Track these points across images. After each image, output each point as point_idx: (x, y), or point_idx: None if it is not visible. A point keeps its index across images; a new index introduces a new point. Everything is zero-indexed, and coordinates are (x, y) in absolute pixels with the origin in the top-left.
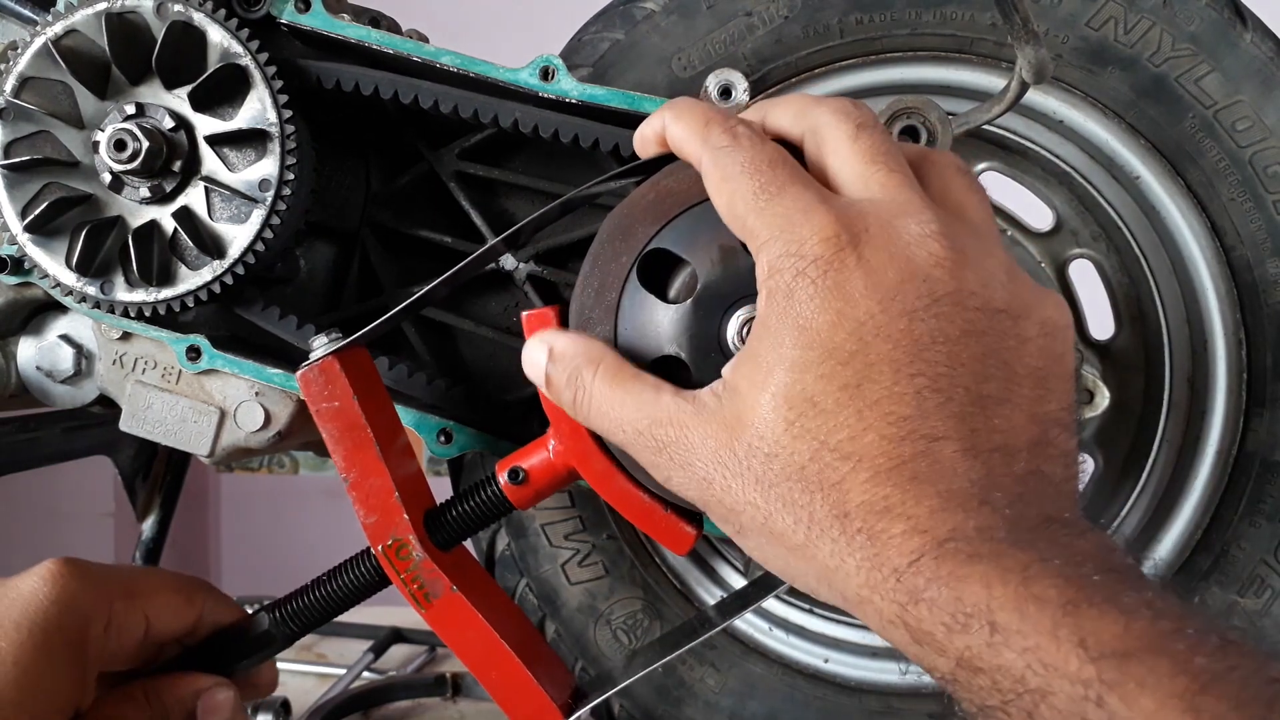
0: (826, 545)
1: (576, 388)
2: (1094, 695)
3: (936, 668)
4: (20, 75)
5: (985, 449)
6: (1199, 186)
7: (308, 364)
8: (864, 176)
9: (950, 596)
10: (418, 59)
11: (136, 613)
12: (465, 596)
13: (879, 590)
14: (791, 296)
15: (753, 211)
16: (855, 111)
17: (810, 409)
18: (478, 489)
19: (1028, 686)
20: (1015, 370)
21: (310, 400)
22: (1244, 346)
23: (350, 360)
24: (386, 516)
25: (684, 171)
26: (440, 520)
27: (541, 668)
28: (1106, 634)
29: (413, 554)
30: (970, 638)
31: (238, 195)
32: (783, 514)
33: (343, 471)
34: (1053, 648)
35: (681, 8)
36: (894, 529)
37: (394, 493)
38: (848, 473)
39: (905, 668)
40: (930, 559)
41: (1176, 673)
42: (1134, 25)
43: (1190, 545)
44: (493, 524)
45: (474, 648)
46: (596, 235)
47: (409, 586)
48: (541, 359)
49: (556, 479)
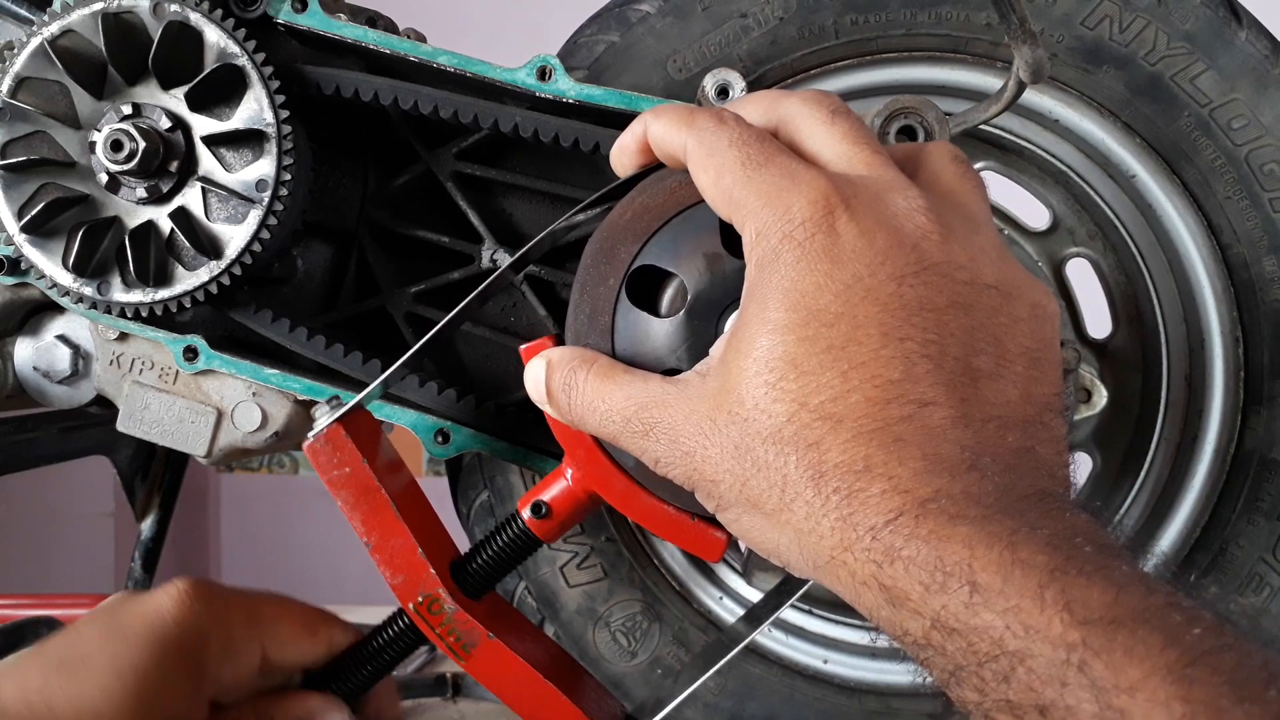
0: (801, 508)
1: (570, 389)
2: (1076, 660)
3: (909, 631)
4: (16, 75)
5: (978, 419)
6: (1195, 185)
7: (313, 435)
8: (847, 156)
9: (930, 555)
10: (415, 59)
11: (253, 640)
12: (502, 641)
13: (853, 549)
14: (777, 260)
15: (739, 182)
16: (826, 99)
17: (791, 370)
18: (501, 530)
19: (1005, 649)
20: (1008, 347)
21: (320, 470)
22: (1241, 344)
23: (354, 422)
24: (413, 574)
25: (657, 185)
26: (467, 569)
27: (589, 700)
28: (1095, 601)
29: (445, 608)
30: (949, 597)
31: (235, 195)
32: (757, 478)
33: (363, 536)
34: (1035, 610)
35: (676, 10)
36: (872, 488)
37: (418, 549)
38: (826, 433)
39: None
40: (910, 518)
41: (1168, 645)
42: (1129, 24)
43: (1189, 543)
44: (521, 563)
45: (520, 692)
46: (580, 262)
47: (445, 640)
48: (541, 374)
49: (579, 506)
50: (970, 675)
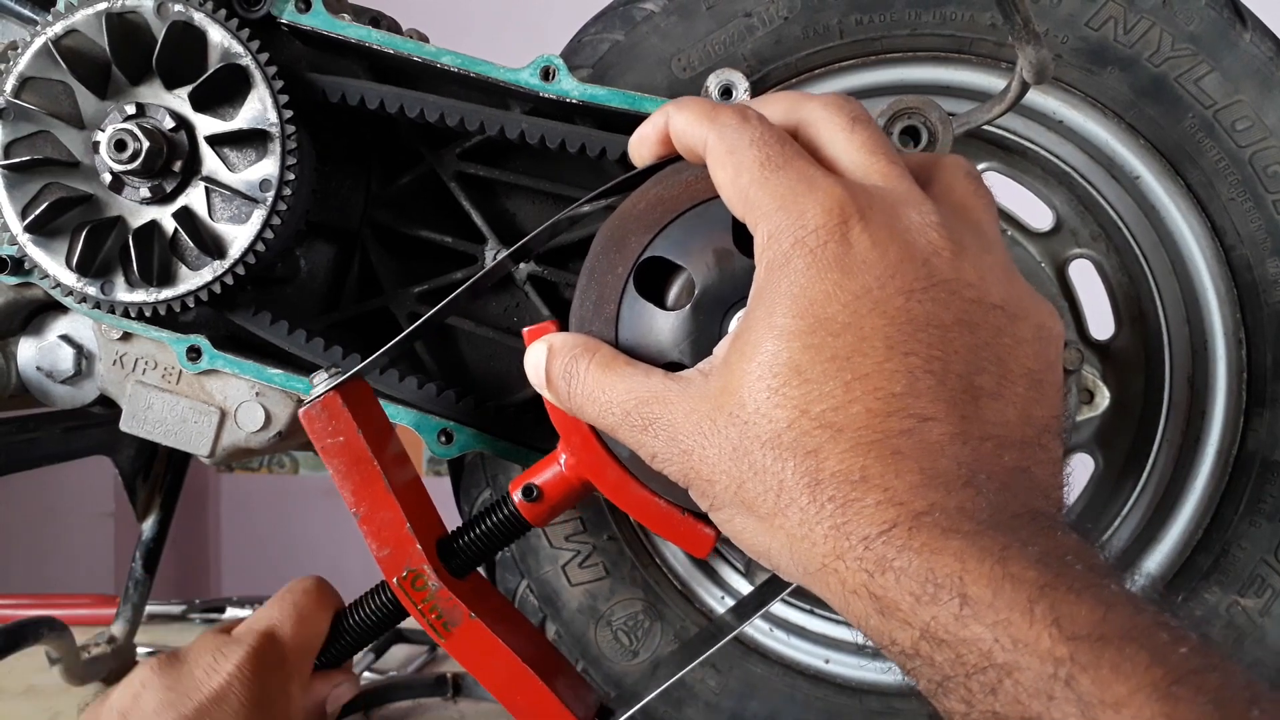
0: (795, 514)
1: (571, 376)
2: (1064, 675)
3: (897, 641)
4: (20, 75)
5: (976, 437)
6: (1199, 186)
7: (309, 401)
8: (864, 166)
9: (922, 567)
10: (418, 59)
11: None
12: (484, 622)
13: (845, 558)
14: (788, 265)
15: (756, 182)
16: (848, 105)
17: (794, 377)
18: (491, 511)
19: (993, 661)
20: (1010, 368)
21: (314, 437)
22: (1244, 346)
23: (351, 393)
24: (400, 548)
25: (672, 178)
26: (454, 547)
27: (566, 688)
28: (1084, 618)
29: (428, 584)
30: (939, 609)
31: (238, 195)
32: (753, 481)
33: (352, 506)
34: (1025, 624)
35: (681, 9)
36: (867, 499)
37: (405, 524)
38: (825, 441)
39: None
40: (904, 530)
41: (1154, 663)
42: (1134, 25)
43: (1191, 545)
44: (508, 546)
45: (497, 673)
46: (590, 249)
47: (427, 617)
48: (542, 358)
49: (571, 493)
50: (958, 686)
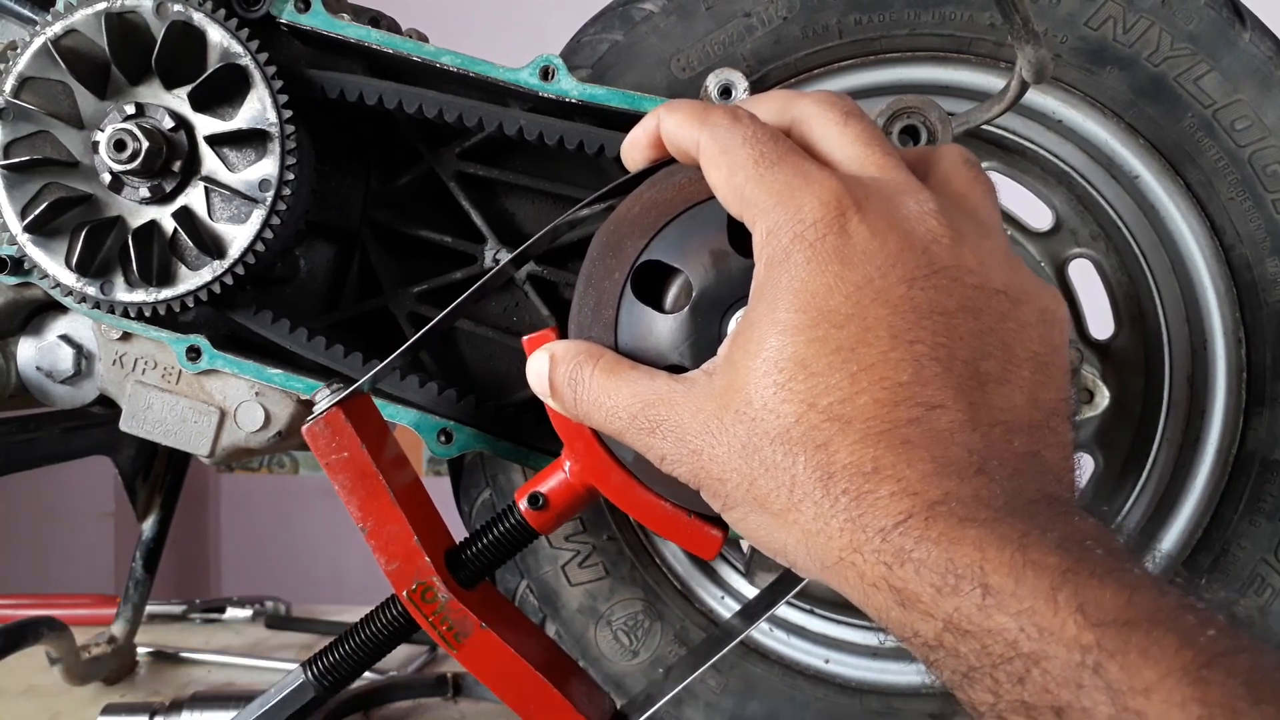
0: (809, 509)
1: (575, 383)
2: (1091, 662)
3: (920, 633)
4: (20, 75)
5: (985, 423)
6: (1198, 186)
7: (312, 418)
8: (860, 158)
9: (941, 557)
10: (418, 59)
11: None
12: (495, 632)
13: (862, 551)
14: (788, 260)
15: (751, 180)
16: (840, 100)
17: (800, 371)
18: (498, 521)
19: (1019, 651)
20: (1015, 352)
21: (319, 454)
22: (1244, 345)
23: (354, 407)
24: (408, 561)
25: (666, 180)
26: (462, 559)
27: (579, 693)
28: (1108, 603)
29: (438, 596)
30: (961, 599)
31: (238, 195)
32: (764, 477)
33: (359, 521)
34: (1049, 612)
35: (680, 9)
36: (881, 490)
37: (413, 537)
38: (834, 434)
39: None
40: (919, 520)
41: (1183, 646)
42: (1133, 25)
43: (1191, 544)
44: (516, 554)
45: (510, 683)
46: (586, 254)
47: (438, 629)
48: (545, 366)
49: (576, 499)
50: (984, 677)
